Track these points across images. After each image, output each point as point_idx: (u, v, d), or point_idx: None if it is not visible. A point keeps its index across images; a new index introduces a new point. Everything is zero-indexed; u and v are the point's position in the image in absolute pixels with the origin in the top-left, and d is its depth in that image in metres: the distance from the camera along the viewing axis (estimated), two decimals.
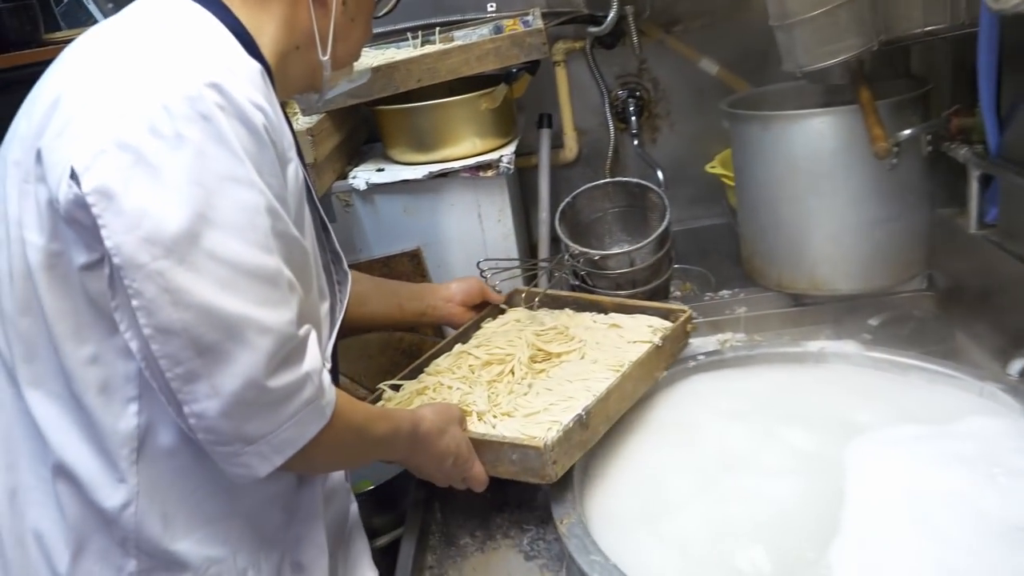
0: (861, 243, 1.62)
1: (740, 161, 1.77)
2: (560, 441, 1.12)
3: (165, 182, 0.79)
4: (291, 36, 1.00)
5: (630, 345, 1.41)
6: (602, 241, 1.94)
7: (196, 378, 0.80)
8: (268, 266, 0.83)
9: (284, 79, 1.01)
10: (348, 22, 1.05)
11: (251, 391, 0.81)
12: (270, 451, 0.85)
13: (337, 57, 1.05)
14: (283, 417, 0.84)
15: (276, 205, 0.85)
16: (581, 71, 2.19)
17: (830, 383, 1.36)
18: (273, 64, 0.97)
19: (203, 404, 0.81)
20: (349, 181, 1.82)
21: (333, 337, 1.06)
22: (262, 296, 0.82)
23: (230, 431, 0.82)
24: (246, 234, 0.82)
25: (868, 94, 1.46)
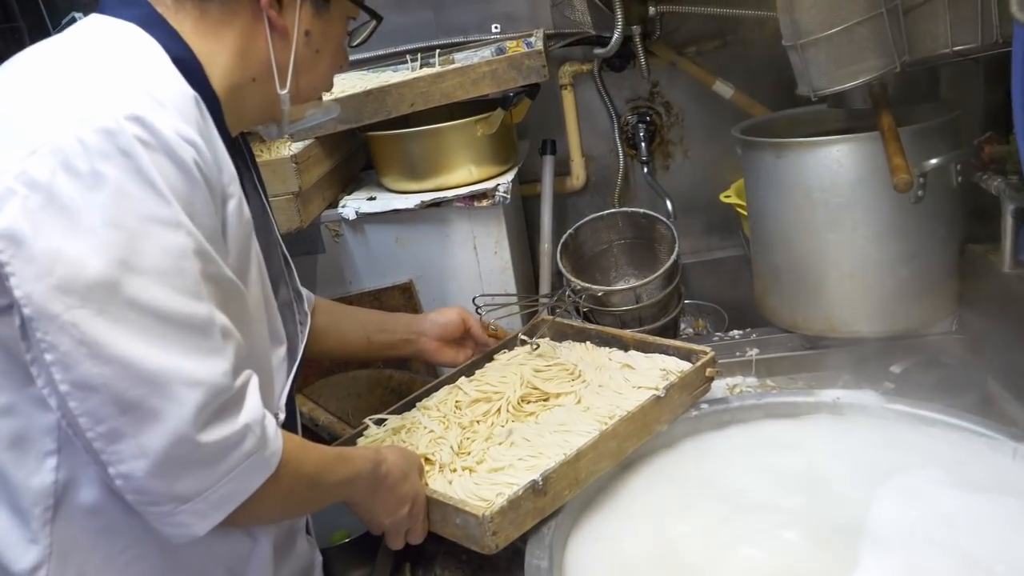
0: (883, 282, 1.49)
1: (752, 191, 1.66)
2: (504, 511, 1.03)
3: (80, 225, 0.73)
4: (246, 67, 0.94)
5: (633, 391, 1.30)
6: (607, 275, 1.84)
7: (120, 437, 0.74)
8: (197, 314, 0.77)
9: (239, 110, 0.95)
10: (312, 54, 0.98)
11: (181, 448, 0.75)
12: (208, 508, 0.79)
13: (300, 90, 1.00)
14: (220, 472, 0.78)
15: (208, 247, 0.79)
16: (590, 95, 2.10)
17: (845, 440, 1.22)
18: (224, 95, 0.92)
19: (130, 464, 0.75)
20: (339, 210, 1.74)
21: (288, 384, 1.00)
22: (191, 346, 0.76)
23: (161, 491, 0.76)
24: (172, 280, 0.76)
25: (890, 120, 1.34)
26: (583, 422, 1.22)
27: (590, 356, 1.44)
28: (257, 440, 0.80)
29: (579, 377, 1.37)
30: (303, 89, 1.00)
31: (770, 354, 1.61)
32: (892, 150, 1.26)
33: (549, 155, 1.95)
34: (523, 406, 1.31)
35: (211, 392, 0.76)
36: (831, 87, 1.37)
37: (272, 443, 0.83)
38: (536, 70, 1.65)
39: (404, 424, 1.33)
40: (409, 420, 1.34)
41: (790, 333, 1.63)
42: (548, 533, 1.08)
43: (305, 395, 1.76)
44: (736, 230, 2.07)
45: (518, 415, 1.29)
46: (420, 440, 1.24)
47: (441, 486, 1.13)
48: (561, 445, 1.15)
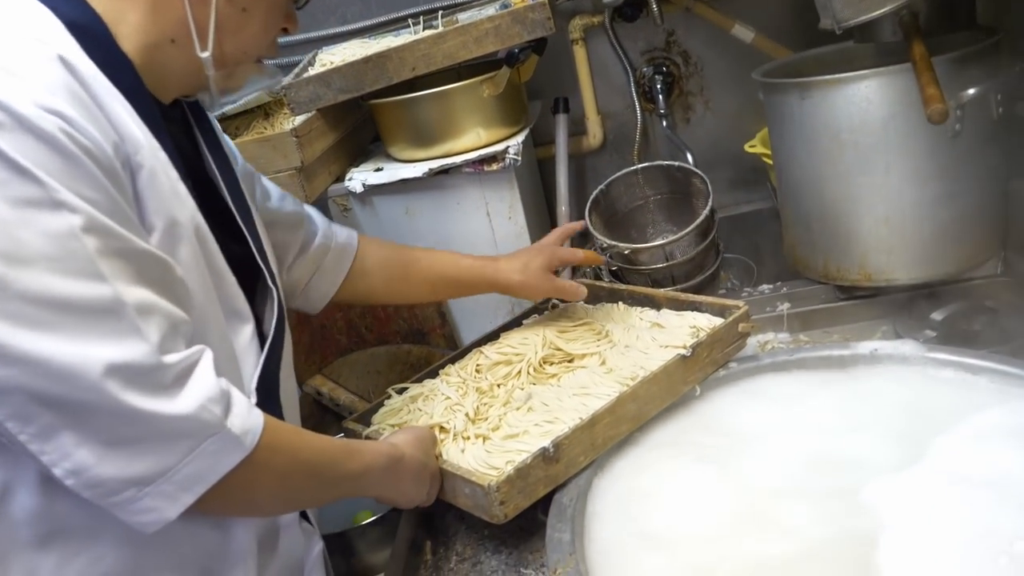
0: (921, 225, 1.40)
1: (778, 138, 1.56)
2: (511, 480, 0.99)
3: None
4: (160, 27, 0.86)
5: (660, 351, 1.25)
6: (644, 232, 1.79)
7: (55, 432, 0.69)
8: (99, 295, 0.71)
9: (161, 75, 0.88)
10: (238, 13, 0.89)
11: (123, 426, 0.71)
12: (175, 489, 0.74)
13: (226, 54, 0.90)
14: (180, 450, 0.74)
15: (105, 220, 0.72)
16: (602, 49, 2.00)
17: (884, 393, 1.15)
18: (139, 58, 0.85)
19: (75, 457, 0.70)
20: (345, 184, 1.69)
21: (260, 366, 0.94)
22: (99, 330, 0.71)
23: (116, 476, 0.72)
24: (63, 264, 0.69)
25: (922, 48, 1.23)
26: (604, 384, 1.17)
27: (621, 316, 1.39)
28: (216, 416, 0.76)
29: (605, 337, 1.32)
30: (230, 53, 0.91)
31: (802, 307, 1.53)
32: (925, 79, 1.17)
33: (562, 113, 1.87)
34: (545, 368, 1.28)
35: (133, 374, 0.71)
36: (857, 17, 1.27)
37: (241, 420, 0.79)
38: (541, 23, 1.57)
39: (423, 392, 1.30)
40: (428, 388, 1.31)
41: (823, 284, 1.55)
42: (570, 505, 1.03)
43: (324, 375, 1.73)
44: (763, 182, 1.98)
45: (539, 377, 1.26)
46: (436, 408, 1.21)
47: (454, 455, 1.09)
48: (579, 409, 1.11)
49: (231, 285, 0.92)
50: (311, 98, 1.63)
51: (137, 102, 0.82)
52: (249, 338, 0.93)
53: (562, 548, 0.96)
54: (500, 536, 1.10)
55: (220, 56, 0.90)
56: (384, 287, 1.32)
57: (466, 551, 1.10)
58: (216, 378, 0.78)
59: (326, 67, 1.67)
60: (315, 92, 1.63)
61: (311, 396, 1.67)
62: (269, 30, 0.95)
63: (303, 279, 1.24)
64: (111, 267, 0.72)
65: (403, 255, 1.33)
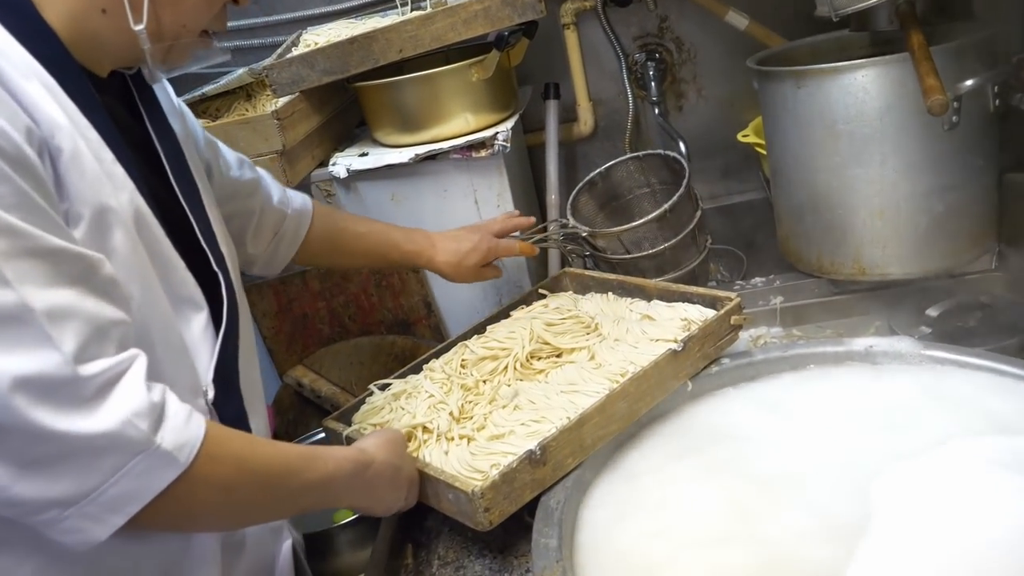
0: (916, 218, 1.37)
1: (772, 127, 1.53)
2: (496, 485, 0.95)
3: None
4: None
5: (650, 345, 1.22)
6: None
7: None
8: (2, 303, 0.65)
9: (94, 48, 0.83)
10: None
11: (37, 446, 0.66)
12: (100, 511, 0.69)
13: (163, 27, 0.84)
14: (104, 470, 0.68)
15: (7, 219, 0.66)
16: (594, 34, 1.97)
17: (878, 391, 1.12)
18: (66, 30, 0.79)
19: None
20: (329, 168, 1.64)
21: (216, 355, 0.89)
22: (4, 341, 0.65)
23: (36, 497, 0.67)
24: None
25: (920, 38, 1.21)
26: (593, 381, 1.14)
27: (610, 308, 1.36)
28: (142, 433, 0.69)
29: (594, 331, 1.29)
30: (168, 26, 0.84)
31: (796, 301, 1.51)
32: (924, 70, 1.14)
33: (553, 99, 1.83)
34: (532, 363, 1.24)
35: (44, 388, 0.65)
36: (854, 4, 1.25)
37: (175, 434, 0.72)
38: (532, 5, 1.53)
39: (406, 389, 1.26)
40: (412, 384, 1.27)
41: (816, 278, 1.53)
42: (557, 508, 1.00)
43: (306, 366, 1.70)
44: (755, 172, 1.95)
45: (526, 373, 1.22)
46: (419, 407, 1.17)
47: (437, 457, 1.05)
48: (567, 407, 1.07)
49: (179, 271, 0.86)
50: (294, 79, 1.59)
51: (63, 76, 0.76)
52: (203, 327, 0.88)
53: (548, 554, 0.93)
54: (484, 539, 1.07)
55: (156, 29, 0.83)
56: (325, 256, 1.34)
57: (449, 554, 1.07)
58: (146, 389, 0.71)
59: (310, 48, 1.62)
60: (298, 73, 1.59)
61: (292, 387, 1.63)
62: (213, 2, 0.88)
63: (264, 245, 1.24)
64: (16, 270, 0.65)
65: (338, 225, 1.34)
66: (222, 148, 1.18)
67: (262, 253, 1.25)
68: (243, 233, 1.20)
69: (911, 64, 1.22)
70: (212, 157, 1.14)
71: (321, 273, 1.66)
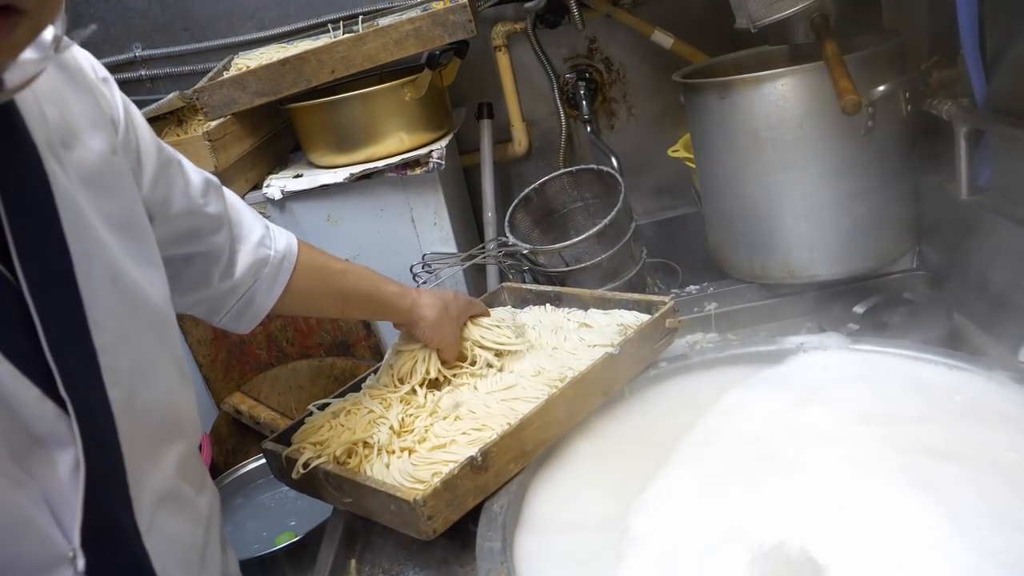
0: (839, 221, 1.42)
1: (699, 139, 1.58)
2: (438, 493, 0.94)
3: None
4: None
5: (588, 351, 1.23)
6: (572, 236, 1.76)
7: None
8: None
9: None
10: None
11: None
12: None
13: None
14: None
15: None
16: (526, 55, 2.00)
17: (809, 385, 1.15)
18: None
19: None
20: (263, 191, 1.63)
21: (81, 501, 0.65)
22: None
23: None
24: None
25: (834, 47, 1.26)
26: (533, 387, 1.13)
27: (548, 318, 1.37)
28: None
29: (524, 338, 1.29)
30: None
31: (729, 307, 1.54)
32: (838, 74, 1.19)
33: (486, 119, 1.86)
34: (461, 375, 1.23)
35: None
36: (770, 16, 1.30)
37: None
38: (462, 25, 1.55)
39: (345, 406, 1.24)
40: (351, 402, 1.25)
41: (749, 284, 1.56)
42: (500, 512, 0.99)
43: (244, 392, 1.66)
44: (687, 187, 2.00)
45: (459, 384, 1.21)
46: (359, 422, 1.15)
47: (379, 471, 1.03)
48: (508, 415, 1.07)
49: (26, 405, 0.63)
50: (225, 102, 1.57)
51: None
52: (72, 468, 0.65)
53: (493, 556, 0.92)
54: (429, 550, 1.05)
55: None
56: (302, 303, 1.09)
57: (393, 567, 1.05)
58: None
59: (241, 70, 1.61)
60: (229, 95, 1.57)
61: (230, 415, 1.59)
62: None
63: (235, 295, 1.00)
64: None
65: (318, 262, 1.10)
66: (188, 168, 0.93)
67: (230, 305, 1.00)
68: (207, 277, 0.96)
69: (827, 72, 1.28)
70: (169, 185, 0.88)
71: None
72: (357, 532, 1.10)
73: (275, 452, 1.18)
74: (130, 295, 0.75)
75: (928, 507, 0.85)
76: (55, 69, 0.75)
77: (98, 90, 0.80)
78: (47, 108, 0.72)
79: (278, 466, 1.17)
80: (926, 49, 1.44)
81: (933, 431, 0.98)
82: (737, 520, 0.90)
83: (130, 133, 0.83)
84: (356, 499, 1.03)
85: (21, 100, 0.68)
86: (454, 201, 1.75)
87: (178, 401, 0.83)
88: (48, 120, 0.72)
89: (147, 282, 0.78)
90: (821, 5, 1.31)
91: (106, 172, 0.76)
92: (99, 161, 0.76)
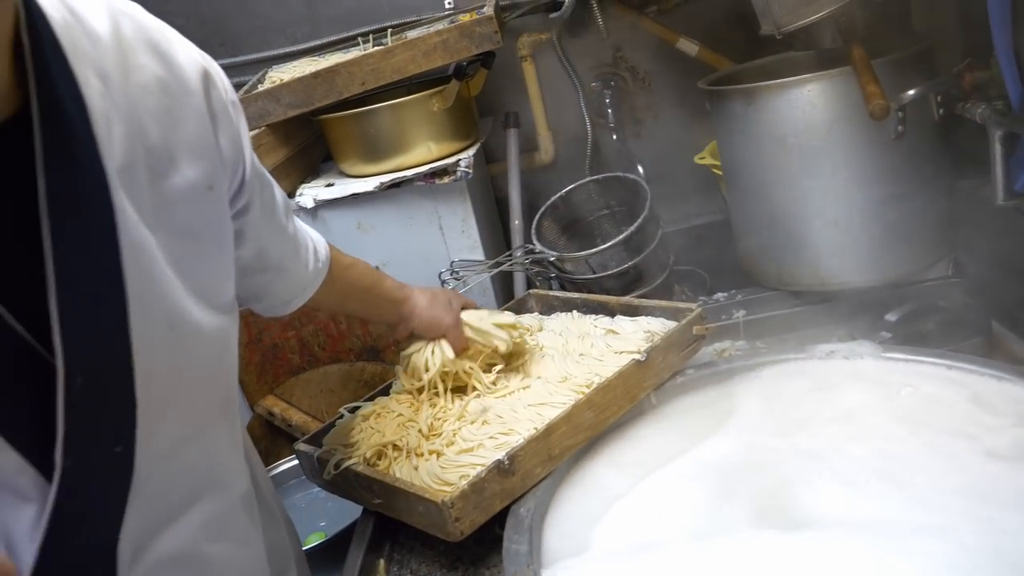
0: (870, 227, 1.41)
1: (725, 146, 1.58)
2: (466, 495, 0.95)
3: None
4: None
5: (615, 357, 1.23)
6: (598, 243, 1.77)
7: None
8: None
9: None
10: None
11: None
12: None
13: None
14: None
15: None
16: (552, 65, 2.02)
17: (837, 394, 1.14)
18: None
19: None
20: (296, 200, 1.66)
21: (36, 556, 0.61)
22: None
23: None
24: None
25: (861, 51, 1.26)
26: (560, 393, 1.14)
27: (575, 325, 1.37)
28: None
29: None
30: None
31: (758, 315, 1.53)
32: (865, 79, 1.18)
33: (513, 128, 1.87)
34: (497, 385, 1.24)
35: None
36: (796, 22, 1.30)
37: None
38: (489, 36, 1.57)
39: (375, 410, 1.26)
40: (380, 405, 1.27)
41: (777, 291, 1.55)
42: (527, 516, 0.99)
43: (276, 395, 1.68)
44: (714, 194, 1.99)
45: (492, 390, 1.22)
46: (388, 425, 1.17)
47: (407, 473, 1.05)
48: (535, 420, 1.08)
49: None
50: (260, 114, 1.61)
51: None
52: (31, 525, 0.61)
53: (519, 559, 0.92)
54: (456, 552, 1.06)
55: None
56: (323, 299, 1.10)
57: (421, 568, 1.06)
58: None
59: (275, 84, 1.65)
60: (264, 107, 1.61)
61: (263, 417, 1.62)
62: None
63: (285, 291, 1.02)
64: None
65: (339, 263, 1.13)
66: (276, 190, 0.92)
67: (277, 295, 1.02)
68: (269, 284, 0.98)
69: (854, 77, 1.27)
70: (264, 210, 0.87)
71: None
72: (386, 533, 1.11)
73: (307, 453, 1.20)
74: (189, 343, 0.71)
75: None
76: (178, 87, 0.71)
77: (218, 120, 0.75)
78: (150, 126, 0.68)
79: (310, 467, 1.19)
80: (958, 51, 1.43)
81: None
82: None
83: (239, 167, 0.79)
84: (385, 500, 1.04)
85: (102, 119, 0.63)
86: (481, 209, 1.77)
87: (222, 458, 0.81)
88: (145, 138, 0.67)
89: (212, 326, 0.74)
90: (848, 9, 1.31)
91: (194, 205, 0.72)
92: (190, 192, 0.71)
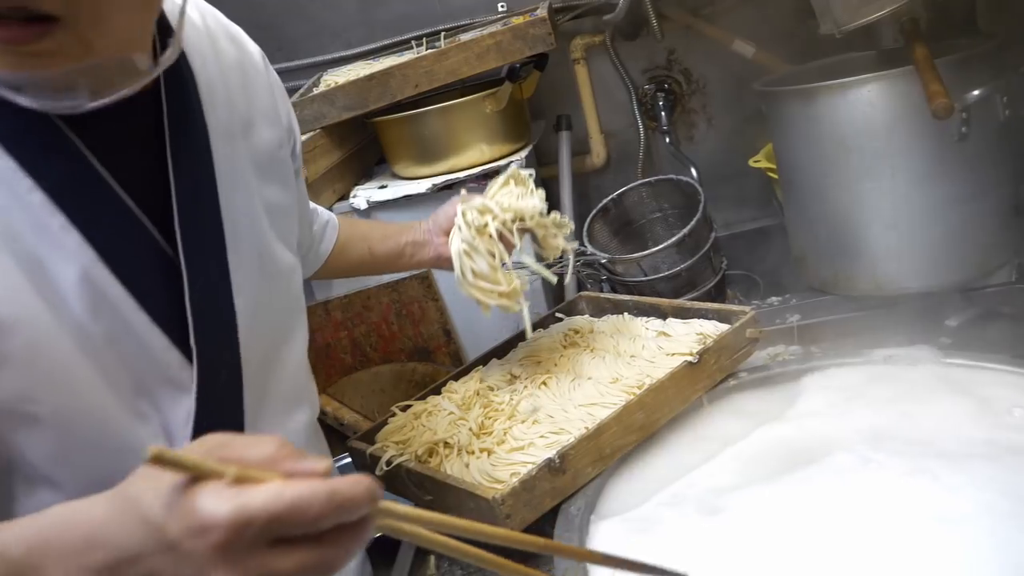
0: (931, 230, 1.37)
1: (782, 148, 1.56)
2: (516, 492, 0.95)
3: None
4: None
5: (667, 359, 1.23)
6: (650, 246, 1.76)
7: None
8: None
9: None
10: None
11: None
12: None
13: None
14: None
15: None
16: (604, 68, 2.02)
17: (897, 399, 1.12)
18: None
19: None
20: (350, 201, 1.69)
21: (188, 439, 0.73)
22: None
23: None
24: None
25: (924, 50, 1.23)
26: (611, 394, 1.14)
27: (626, 327, 1.37)
28: None
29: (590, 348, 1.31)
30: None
31: (813, 319, 1.50)
32: (928, 77, 1.16)
33: (565, 131, 1.88)
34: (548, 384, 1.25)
35: None
36: (856, 20, 1.27)
37: None
38: (542, 38, 1.58)
39: (426, 408, 1.27)
40: (431, 404, 1.28)
41: (833, 296, 1.52)
42: (577, 515, 1.00)
43: (329, 395, 1.71)
44: (769, 198, 1.96)
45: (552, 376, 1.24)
46: (440, 423, 1.18)
47: (458, 470, 1.06)
48: (585, 420, 1.08)
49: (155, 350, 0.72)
50: (315, 116, 1.64)
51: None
52: (188, 415, 0.74)
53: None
54: (507, 549, 1.06)
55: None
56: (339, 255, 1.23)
57: (471, 566, 1.07)
58: None
59: (330, 87, 1.68)
60: (319, 110, 1.64)
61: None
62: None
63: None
64: None
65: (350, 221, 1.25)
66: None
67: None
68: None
69: (916, 76, 1.25)
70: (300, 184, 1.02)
71: (343, 303, 1.69)
72: None
73: (360, 450, 1.22)
74: (271, 270, 0.85)
75: None
76: (251, 66, 0.88)
77: (277, 95, 0.93)
78: (237, 97, 0.84)
79: (362, 463, 1.21)
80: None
81: None
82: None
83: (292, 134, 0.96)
84: (436, 496, 1.05)
85: (206, 90, 0.79)
86: None
87: (305, 376, 0.96)
88: (235, 107, 0.83)
89: (287, 264, 0.89)
90: (911, 7, 1.28)
91: (273, 161, 0.88)
92: (269, 150, 0.88)
